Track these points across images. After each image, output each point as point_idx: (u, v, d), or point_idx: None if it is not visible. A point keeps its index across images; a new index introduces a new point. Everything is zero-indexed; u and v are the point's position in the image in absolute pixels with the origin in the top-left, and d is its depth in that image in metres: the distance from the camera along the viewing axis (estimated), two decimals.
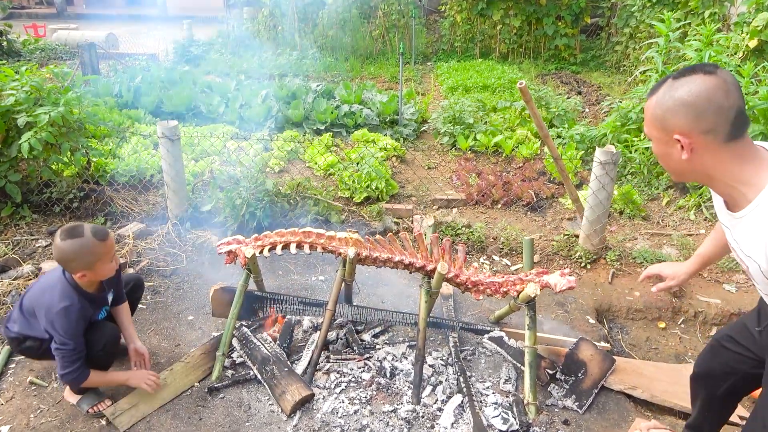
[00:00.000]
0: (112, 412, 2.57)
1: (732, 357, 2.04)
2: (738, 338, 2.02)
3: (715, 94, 1.41)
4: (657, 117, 1.51)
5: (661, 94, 1.50)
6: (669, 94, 1.48)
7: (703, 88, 1.43)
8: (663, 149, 1.55)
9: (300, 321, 3.25)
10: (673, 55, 6.28)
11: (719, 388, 2.12)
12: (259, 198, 4.14)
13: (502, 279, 2.78)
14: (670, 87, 1.49)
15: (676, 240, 4.17)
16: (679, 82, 1.47)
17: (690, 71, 1.47)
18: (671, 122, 1.48)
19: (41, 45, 11.21)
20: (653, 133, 1.56)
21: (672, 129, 1.48)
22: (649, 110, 1.54)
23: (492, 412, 2.63)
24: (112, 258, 2.40)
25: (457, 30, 11.56)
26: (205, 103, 6.98)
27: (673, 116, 1.47)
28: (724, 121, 1.43)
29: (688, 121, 1.45)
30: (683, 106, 1.44)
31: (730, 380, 2.07)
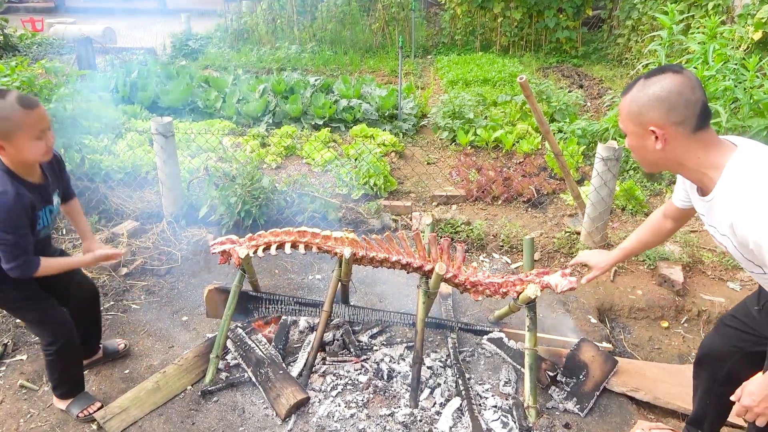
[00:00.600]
0: (102, 416, 2.52)
1: (734, 334, 2.09)
2: (740, 317, 2.09)
3: (684, 90, 1.60)
4: (633, 112, 1.68)
5: (636, 92, 1.67)
6: (643, 92, 1.65)
7: (674, 84, 1.61)
8: (639, 142, 1.72)
9: (296, 321, 3.19)
10: (676, 47, 6.19)
11: (721, 369, 2.14)
12: (255, 195, 4.07)
13: (501, 279, 2.71)
14: (643, 85, 1.66)
15: (679, 237, 4.10)
16: (651, 81, 1.64)
17: (660, 71, 1.65)
18: (647, 116, 1.65)
19: (38, 39, 11.11)
20: (629, 128, 1.72)
21: (647, 122, 1.65)
22: (625, 107, 1.71)
23: (491, 415, 2.58)
24: (41, 135, 2.04)
25: (457, 23, 11.45)
26: (202, 98, 6.90)
27: (648, 110, 1.64)
28: (692, 113, 1.61)
29: (662, 114, 1.62)
30: (657, 101, 1.62)
31: (732, 359, 2.10)
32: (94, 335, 2.86)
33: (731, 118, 4.27)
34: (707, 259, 3.91)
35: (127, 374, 2.86)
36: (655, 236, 2.27)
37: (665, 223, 2.20)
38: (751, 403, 1.69)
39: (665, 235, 2.26)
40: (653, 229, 2.25)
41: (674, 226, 2.20)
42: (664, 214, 2.19)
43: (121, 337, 3.12)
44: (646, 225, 2.27)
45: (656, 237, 2.28)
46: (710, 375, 2.19)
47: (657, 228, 2.23)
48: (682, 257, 3.85)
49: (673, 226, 2.20)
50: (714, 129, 1.68)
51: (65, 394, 2.57)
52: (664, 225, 2.21)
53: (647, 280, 3.71)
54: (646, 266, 3.82)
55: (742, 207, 1.57)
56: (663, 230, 2.23)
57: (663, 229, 2.22)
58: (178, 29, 11.86)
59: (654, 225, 2.24)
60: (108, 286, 3.54)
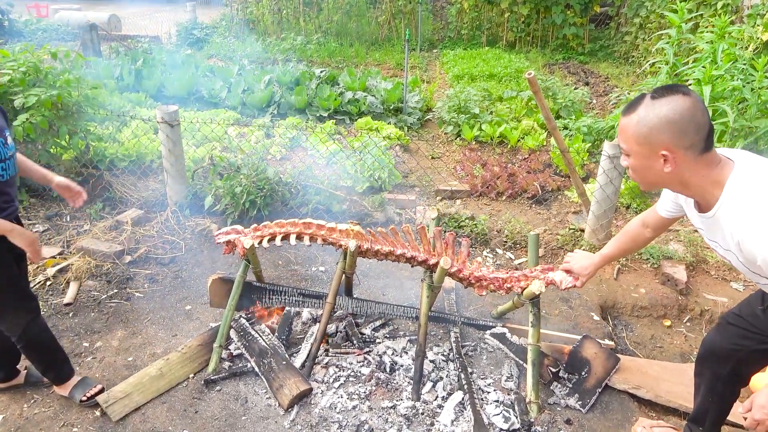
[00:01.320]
0: (105, 400, 2.52)
1: (738, 333, 2.09)
2: (744, 315, 2.09)
3: (695, 113, 1.56)
4: (641, 134, 1.62)
5: (643, 112, 1.61)
6: (653, 113, 1.59)
7: (685, 107, 1.56)
8: (645, 163, 1.67)
9: (299, 313, 3.19)
10: (684, 46, 6.16)
11: (725, 368, 2.14)
12: (259, 186, 4.07)
13: (506, 275, 2.71)
14: (651, 106, 1.60)
15: (683, 236, 4.10)
16: (661, 102, 1.59)
17: (669, 91, 1.59)
18: (657, 139, 1.60)
19: (43, 25, 11.09)
20: (635, 148, 1.66)
21: (657, 145, 1.60)
22: (631, 127, 1.64)
23: (493, 410, 2.58)
24: None
25: (464, 17, 11.41)
26: (207, 87, 6.89)
27: (660, 133, 1.59)
28: (701, 137, 1.58)
29: (673, 138, 1.58)
30: (669, 124, 1.57)
31: (736, 357, 2.11)
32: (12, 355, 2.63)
33: (738, 119, 4.25)
34: (711, 258, 3.90)
35: (131, 362, 2.87)
36: (633, 243, 2.31)
37: (644, 231, 2.24)
38: (764, 416, 1.67)
39: (643, 243, 2.30)
40: (632, 236, 2.28)
41: (652, 235, 2.24)
42: (644, 223, 2.22)
43: (125, 325, 3.13)
44: (626, 232, 2.31)
45: (634, 244, 2.32)
46: (713, 373, 2.19)
47: (635, 236, 2.27)
48: (686, 256, 3.84)
49: (651, 235, 2.24)
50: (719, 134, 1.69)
51: (59, 378, 2.56)
52: (643, 233, 2.24)
53: (650, 279, 3.71)
54: (650, 265, 3.82)
55: (748, 225, 1.56)
56: (641, 239, 2.26)
57: (641, 237, 2.26)
58: (183, 18, 11.82)
59: (632, 233, 2.27)
60: (112, 273, 3.55)
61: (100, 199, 4.31)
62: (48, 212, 4.18)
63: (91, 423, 2.49)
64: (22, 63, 4.01)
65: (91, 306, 3.29)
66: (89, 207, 4.22)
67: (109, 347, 2.97)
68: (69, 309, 3.25)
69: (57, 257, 3.65)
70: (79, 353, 2.92)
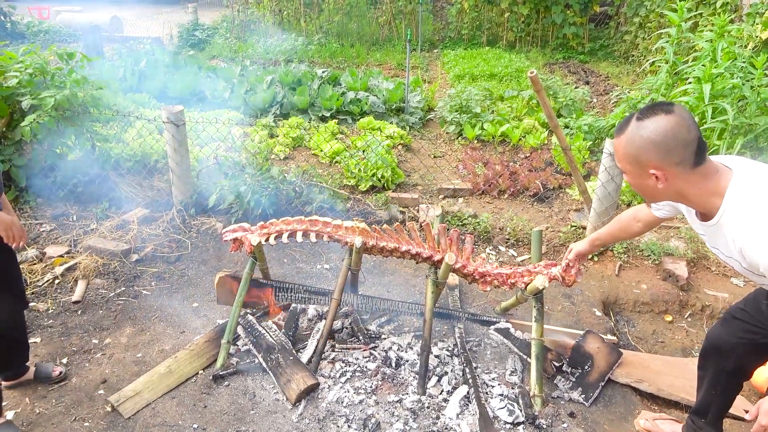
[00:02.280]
0: (116, 399, 2.57)
1: (742, 327, 2.12)
2: (749, 310, 2.11)
3: (679, 132, 1.60)
4: (630, 154, 1.68)
5: (630, 134, 1.66)
6: (638, 134, 1.64)
7: (668, 126, 1.60)
8: (638, 181, 1.73)
9: (305, 309, 3.23)
10: (684, 45, 6.20)
11: (728, 361, 2.16)
12: (264, 185, 4.11)
13: (510, 270, 2.75)
14: (637, 127, 1.65)
15: (684, 233, 4.14)
16: (644, 123, 1.63)
17: (651, 111, 1.64)
18: (644, 158, 1.65)
19: (45, 27, 11.14)
20: (627, 168, 1.72)
21: (646, 164, 1.66)
22: (621, 148, 1.71)
23: (498, 403, 2.62)
24: None
25: (464, 17, 11.45)
26: (209, 88, 6.93)
27: (646, 153, 1.64)
28: (690, 152, 1.62)
29: (660, 157, 1.62)
30: (653, 145, 1.62)
31: (740, 351, 2.13)
32: (18, 352, 2.61)
33: (738, 116, 4.30)
34: (711, 255, 3.94)
35: (140, 358, 2.91)
36: (623, 233, 2.39)
37: (635, 224, 2.31)
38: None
39: (633, 234, 2.37)
40: (623, 226, 2.36)
41: (642, 229, 2.31)
42: (636, 217, 2.29)
43: (133, 322, 3.17)
44: (618, 220, 2.38)
45: (624, 234, 2.40)
46: (717, 366, 2.22)
47: (626, 226, 2.34)
48: (687, 253, 3.88)
49: (642, 229, 2.31)
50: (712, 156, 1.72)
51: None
52: (634, 225, 2.31)
53: (652, 275, 3.75)
54: (651, 261, 3.85)
55: (750, 233, 1.60)
56: (631, 230, 2.34)
57: (631, 228, 2.33)
58: (184, 19, 11.86)
59: (624, 223, 2.34)
60: (119, 271, 3.59)
61: (106, 198, 4.35)
62: (54, 212, 4.22)
63: (102, 418, 2.53)
64: (28, 65, 4.05)
65: (100, 303, 3.33)
66: (95, 206, 4.26)
67: (118, 344, 3.01)
68: (78, 307, 3.29)
69: (65, 256, 3.69)
70: (88, 350, 2.96)
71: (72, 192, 4.32)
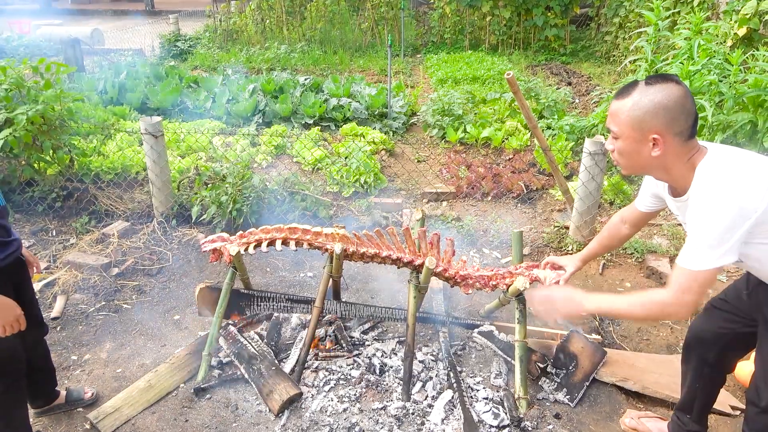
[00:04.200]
0: (95, 416, 2.52)
1: (723, 317, 2.13)
2: (729, 299, 2.13)
3: (686, 101, 1.65)
4: (635, 117, 1.69)
5: (638, 97, 1.68)
6: (648, 98, 1.66)
7: (679, 95, 1.65)
8: (634, 146, 1.73)
9: (288, 318, 3.20)
10: (663, 44, 6.25)
11: (711, 353, 2.17)
12: (245, 194, 4.08)
13: (491, 272, 2.74)
14: (646, 92, 1.67)
15: (666, 230, 4.15)
16: (655, 88, 1.66)
17: (661, 79, 1.68)
18: (649, 123, 1.67)
19: (25, 41, 11.04)
20: (626, 131, 1.72)
21: (649, 129, 1.68)
22: (624, 111, 1.71)
23: (483, 407, 2.60)
24: None
25: (446, 22, 11.49)
26: (191, 98, 6.89)
27: (653, 117, 1.66)
28: (689, 125, 1.68)
29: (665, 122, 1.66)
30: (663, 110, 1.65)
31: (722, 342, 2.14)
32: (44, 379, 2.53)
33: (716, 113, 4.33)
34: None
35: (120, 373, 2.86)
36: (613, 240, 2.39)
37: (622, 228, 2.32)
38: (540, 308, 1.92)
39: (621, 240, 2.38)
40: (611, 233, 2.36)
41: (630, 231, 2.32)
42: (622, 220, 2.31)
43: (113, 337, 3.12)
44: (607, 229, 2.39)
45: (614, 241, 2.40)
46: (700, 358, 2.22)
47: (614, 232, 2.35)
48: (670, 250, 3.89)
49: (629, 231, 2.32)
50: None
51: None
52: (621, 230, 2.33)
53: (635, 273, 3.75)
54: (634, 259, 3.86)
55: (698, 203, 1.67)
56: (620, 235, 2.35)
57: (620, 233, 2.34)
58: (166, 30, 11.81)
59: (612, 230, 2.35)
60: (99, 286, 3.54)
61: (86, 212, 4.30)
62: (33, 227, 4.16)
63: None
64: (2, 80, 4.00)
65: (79, 319, 3.28)
66: (75, 221, 4.21)
67: (98, 359, 2.96)
68: (57, 323, 3.23)
69: (44, 272, 3.64)
70: (67, 366, 2.91)
71: (51, 207, 4.26)
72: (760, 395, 1.90)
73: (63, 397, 2.61)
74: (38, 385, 2.50)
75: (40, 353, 2.45)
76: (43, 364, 2.49)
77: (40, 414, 2.57)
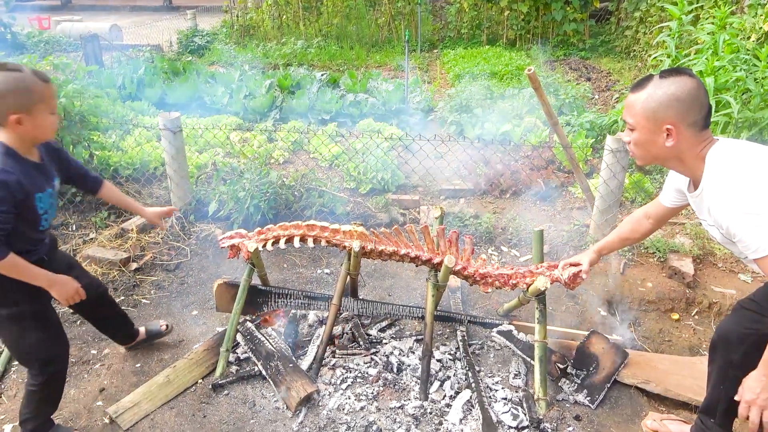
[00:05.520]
0: (114, 411, 2.53)
1: (751, 317, 2.10)
2: (758, 300, 2.10)
3: (699, 93, 1.73)
4: (650, 108, 1.76)
5: (652, 90, 1.76)
6: (662, 90, 1.74)
7: (693, 87, 1.72)
8: (649, 137, 1.80)
9: (305, 315, 3.19)
10: (685, 39, 6.13)
11: (736, 353, 2.13)
12: (263, 190, 4.07)
13: (511, 271, 2.71)
14: (660, 84, 1.75)
15: (689, 229, 4.08)
16: (669, 81, 1.74)
17: (675, 72, 1.76)
18: (663, 114, 1.74)
19: (45, 37, 11.16)
20: (641, 122, 1.80)
21: (663, 120, 1.75)
22: (640, 103, 1.79)
23: (501, 407, 2.57)
24: (54, 110, 2.02)
25: (463, 16, 11.39)
26: (209, 94, 6.91)
27: (667, 108, 1.74)
28: (702, 116, 1.75)
29: (679, 114, 1.73)
30: (677, 101, 1.72)
31: (747, 342, 2.09)
32: (118, 325, 2.83)
33: (742, 110, 4.23)
34: (718, 251, 3.88)
35: (139, 368, 2.88)
36: (634, 233, 2.39)
37: (645, 222, 2.33)
38: (752, 396, 1.76)
39: (643, 234, 2.39)
40: (633, 227, 2.37)
41: (654, 226, 2.33)
42: (647, 215, 2.32)
43: None
44: (629, 222, 2.40)
45: (635, 234, 2.40)
46: (725, 359, 2.17)
47: (637, 226, 2.36)
48: (693, 249, 3.82)
49: (653, 226, 2.33)
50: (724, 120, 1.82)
51: (34, 430, 2.32)
52: (644, 224, 2.34)
53: (657, 273, 3.68)
54: (656, 259, 3.79)
55: (714, 191, 1.72)
56: (642, 229, 2.36)
57: (642, 227, 2.35)
58: (184, 26, 11.87)
59: (635, 223, 2.36)
60: (118, 281, 3.56)
61: (105, 207, 4.33)
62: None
63: (100, 429, 2.50)
64: None
65: None
66: (95, 215, 4.24)
67: (117, 354, 2.98)
68: (76, 317, 3.26)
69: None
70: (87, 361, 2.93)
71: (71, 201, 4.30)
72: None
73: (143, 333, 2.96)
74: (117, 330, 2.84)
75: (107, 307, 2.73)
76: (113, 314, 2.77)
77: (130, 349, 2.96)
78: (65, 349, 2.32)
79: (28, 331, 2.13)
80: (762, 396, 1.76)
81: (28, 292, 2.07)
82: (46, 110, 1.97)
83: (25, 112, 1.91)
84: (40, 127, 1.98)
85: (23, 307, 2.10)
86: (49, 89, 1.98)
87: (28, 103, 1.91)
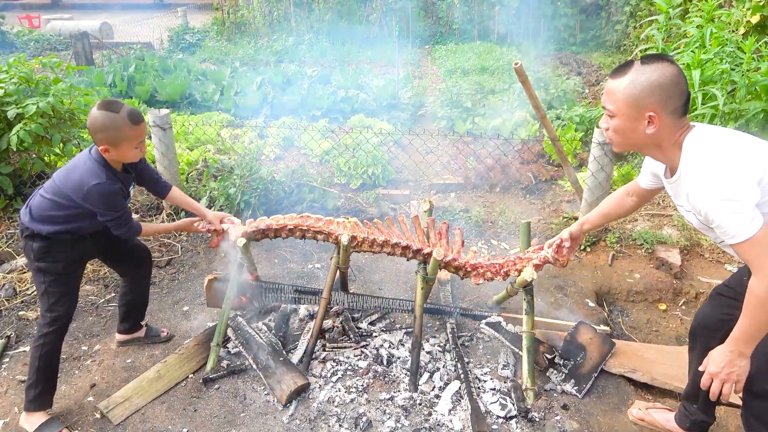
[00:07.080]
0: (105, 405, 2.55)
1: (727, 303, 2.14)
2: (733, 285, 2.14)
3: (680, 80, 1.70)
4: (631, 95, 1.72)
5: (634, 76, 1.71)
6: (644, 77, 1.70)
7: (674, 73, 1.69)
8: (629, 124, 1.77)
9: (296, 309, 3.21)
10: (674, 32, 6.16)
11: (715, 339, 2.14)
12: (253, 186, 4.09)
13: (502, 260, 2.73)
14: (642, 71, 1.71)
15: (676, 220, 4.11)
16: (651, 67, 1.70)
17: (656, 58, 1.71)
18: (645, 101, 1.71)
19: (35, 36, 11.10)
20: (622, 109, 1.75)
21: (644, 107, 1.71)
22: (621, 89, 1.74)
23: (490, 398, 2.60)
24: (139, 145, 2.38)
25: (454, 12, 11.41)
26: (199, 91, 6.90)
27: (649, 95, 1.70)
28: (682, 103, 1.72)
29: (661, 100, 1.70)
30: (659, 88, 1.69)
31: (725, 328, 2.09)
32: (140, 308, 2.96)
33: (728, 102, 4.27)
34: (705, 242, 3.92)
35: (129, 364, 2.89)
36: (617, 209, 2.38)
37: (628, 200, 2.32)
38: (715, 369, 1.81)
39: (628, 209, 2.37)
40: (617, 202, 2.36)
41: (637, 204, 2.33)
42: (628, 192, 2.32)
43: None
44: (611, 199, 2.39)
45: (619, 210, 2.38)
46: (704, 345, 2.20)
47: (621, 202, 2.35)
48: (680, 240, 3.86)
49: (636, 203, 2.32)
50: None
51: (36, 403, 2.45)
52: (627, 201, 2.33)
53: (645, 264, 3.72)
54: (644, 250, 3.83)
55: (692, 177, 1.71)
56: (626, 205, 2.34)
57: (626, 204, 2.34)
58: (175, 23, 11.83)
59: (618, 200, 2.36)
60: (109, 278, 3.57)
61: None
62: None
63: (91, 425, 2.51)
64: (12, 74, 4.02)
65: (90, 310, 3.31)
66: None
67: (108, 350, 2.99)
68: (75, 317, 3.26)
69: None
70: (78, 357, 2.94)
71: None
72: (753, 380, 1.90)
73: (143, 332, 3.02)
74: (130, 312, 2.94)
75: (142, 288, 2.93)
76: (140, 298, 2.94)
77: (122, 344, 3.00)
78: (72, 310, 2.54)
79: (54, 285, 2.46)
80: (725, 370, 1.81)
81: (67, 256, 2.46)
82: (130, 146, 2.34)
83: (112, 146, 2.31)
84: (123, 156, 2.38)
85: (58, 265, 2.44)
86: (136, 130, 2.32)
87: (114, 141, 2.30)
